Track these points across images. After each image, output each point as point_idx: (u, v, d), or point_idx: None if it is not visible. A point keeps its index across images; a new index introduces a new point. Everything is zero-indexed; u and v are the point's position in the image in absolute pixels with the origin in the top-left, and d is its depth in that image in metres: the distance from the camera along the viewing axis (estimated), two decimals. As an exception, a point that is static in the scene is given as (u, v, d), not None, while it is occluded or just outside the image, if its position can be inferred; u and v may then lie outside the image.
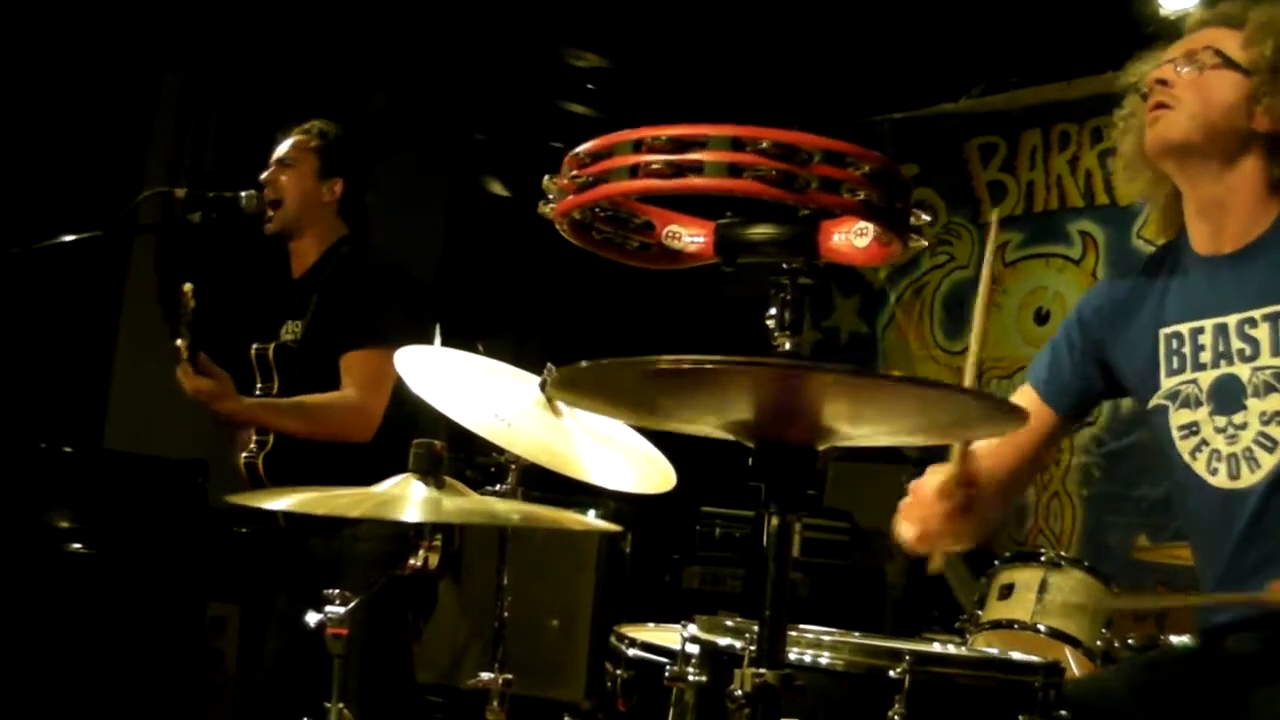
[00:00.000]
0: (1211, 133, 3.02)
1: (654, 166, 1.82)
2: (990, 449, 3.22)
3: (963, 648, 3.99)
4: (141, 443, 6.71)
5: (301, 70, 7.48)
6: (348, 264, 4.77)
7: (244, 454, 4.67)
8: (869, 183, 1.80)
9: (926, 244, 1.94)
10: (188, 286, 4.32)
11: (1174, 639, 4.40)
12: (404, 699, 4.64)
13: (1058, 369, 3.30)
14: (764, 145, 1.78)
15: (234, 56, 7.59)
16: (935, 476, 2.96)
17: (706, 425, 2.08)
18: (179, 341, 4.34)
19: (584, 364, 1.88)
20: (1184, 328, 3.10)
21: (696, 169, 1.80)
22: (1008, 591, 5.05)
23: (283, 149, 4.84)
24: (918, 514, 2.99)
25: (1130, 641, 4.73)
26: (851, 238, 1.95)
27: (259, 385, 4.79)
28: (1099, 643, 4.81)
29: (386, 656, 4.44)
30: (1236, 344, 3.00)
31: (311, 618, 3.20)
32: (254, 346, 4.82)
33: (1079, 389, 3.28)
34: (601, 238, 2.07)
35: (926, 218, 1.89)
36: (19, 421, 6.44)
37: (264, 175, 4.80)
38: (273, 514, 4.51)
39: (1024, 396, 3.32)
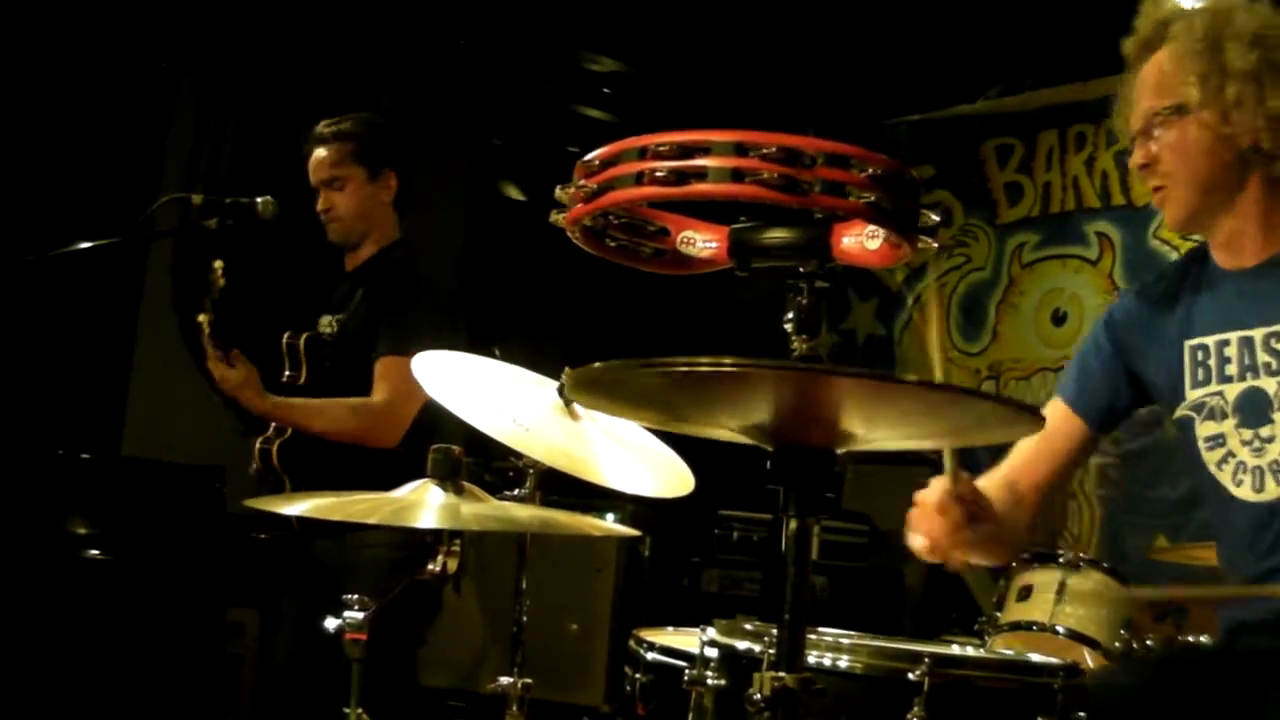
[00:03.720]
0: (1210, 186, 3.02)
1: (658, 173, 1.82)
2: (1021, 461, 3.23)
3: (981, 650, 3.98)
4: (158, 449, 6.72)
5: (319, 75, 7.49)
6: (397, 269, 4.77)
7: (260, 440, 4.67)
8: (874, 185, 1.80)
9: (938, 245, 1.94)
10: (218, 263, 4.32)
11: (1192, 639, 4.40)
12: (409, 704, 4.63)
13: (1085, 378, 3.28)
14: (766, 150, 1.79)
15: (251, 62, 7.60)
16: (934, 489, 2.94)
17: (725, 428, 2.08)
18: (201, 317, 4.34)
19: (597, 365, 1.88)
20: (1209, 340, 3.09)
21: (700, 175, 1.81)
22: (1026, 593, 5.04)
23: (322, 170, 4.81)
24: (924, 526, 2.97)
25: (1149, 642, 4.72)
26: (863, 240, 1.95)
27: (286, 374, 4.79)
28: (1118, 644, 4.80)
29: (390, 661, 4.43)
30: (1263, 357, 2.99)
31: (330, 623, 3.20)
32: (286, 335, 4.82)
33: (1108, 396, 3.26)
34: (616, 245, 2.07)
35: (936, 218, 1.89)
36: (36, 428, 6.46)
37: (318, 205, 4.79)
38: (288, 517, 4.51)
39: (1052, 410, 3.28)
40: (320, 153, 4.81)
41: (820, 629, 2.78)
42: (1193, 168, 3.00)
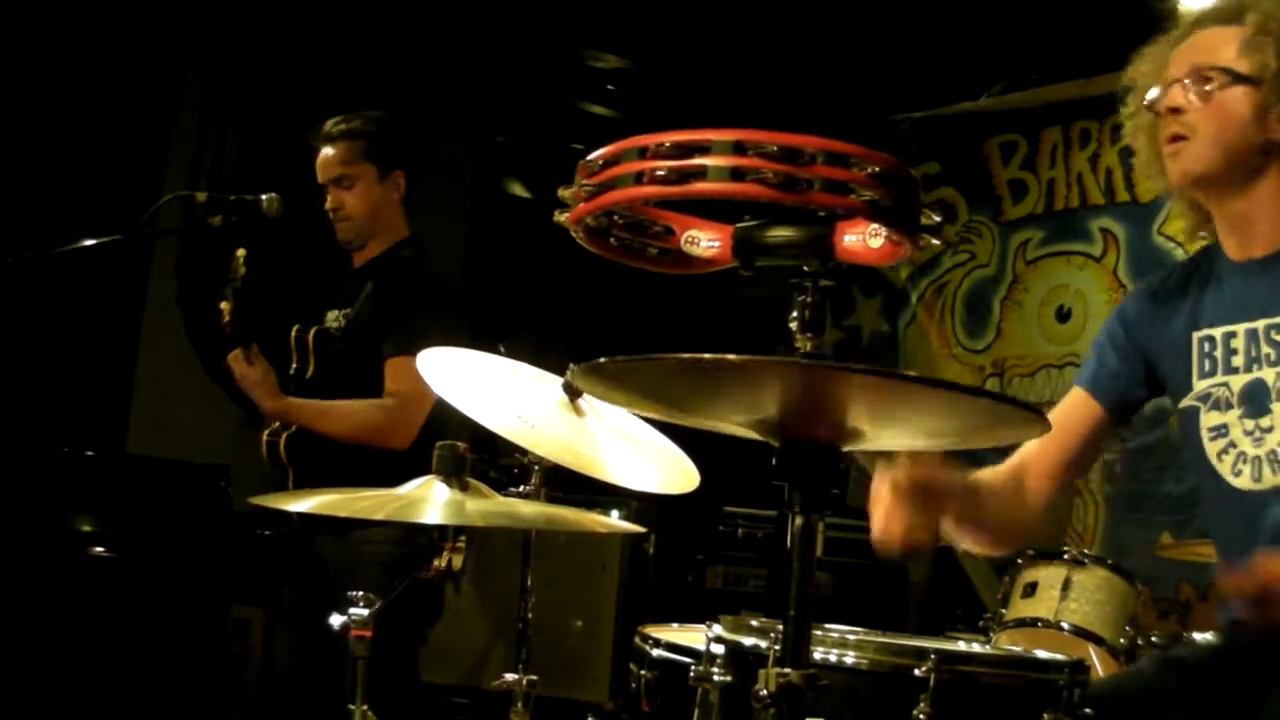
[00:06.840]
0: (1233, 156, 2.98)
1: (659, 173, 1.83)
2: (1034, 448, 3.22)
3: (987, 646, 3.98)
4: (164, 446, 6.73)
5: (323, 73, 7.50)
6: (407, 267, 4.74)
7: (267, 433, 4.67)
8: (874, 183, 1.81)
9: (938, 243, 1.94)
10: (240, 251, 4.33)
11: (1197, 635, 4.40)
12: (409, 701, 4.63)
13: (1103, 363, 3.27)
14: (766, 148, 1.79)
15: (256, 60, 7.60)
16: (881, 478, 2.92)
17: (732, 423, 2.08)
18: (223, 304, 4.35)
19: (603, 360, 1.88)
20: (1216, 331, 3.09)
21: (700, 174, 1.82)
22: (1031, 589, 5.04)
23: (332, 168, 4.77)
24: (875, 514, 2.94)
25: (1154, 639, 4.73)
26: (866, 238, 1.95)
27: (294, 366, 4.78)
28: (1122, 640, 4.80)
29: (391, 659, 4.43)
30: (1265, 348, 2.99)
31: (335, 619, 3.20)
32: (295, 328, 4.81)
33: (1125, 382, 3.24)
34: (620, 244, 2.07)
35: (937, 218, 1.89)
36: (42, 426, 6.47)
37: (327, 203, 4.76)
38: (289, 513, 4.52)
39: (1070, 398, 3.30)
40: (329, 151, 4.77)
41: (826, 625, 2.78)
42: (1222, 130, 2.96)
